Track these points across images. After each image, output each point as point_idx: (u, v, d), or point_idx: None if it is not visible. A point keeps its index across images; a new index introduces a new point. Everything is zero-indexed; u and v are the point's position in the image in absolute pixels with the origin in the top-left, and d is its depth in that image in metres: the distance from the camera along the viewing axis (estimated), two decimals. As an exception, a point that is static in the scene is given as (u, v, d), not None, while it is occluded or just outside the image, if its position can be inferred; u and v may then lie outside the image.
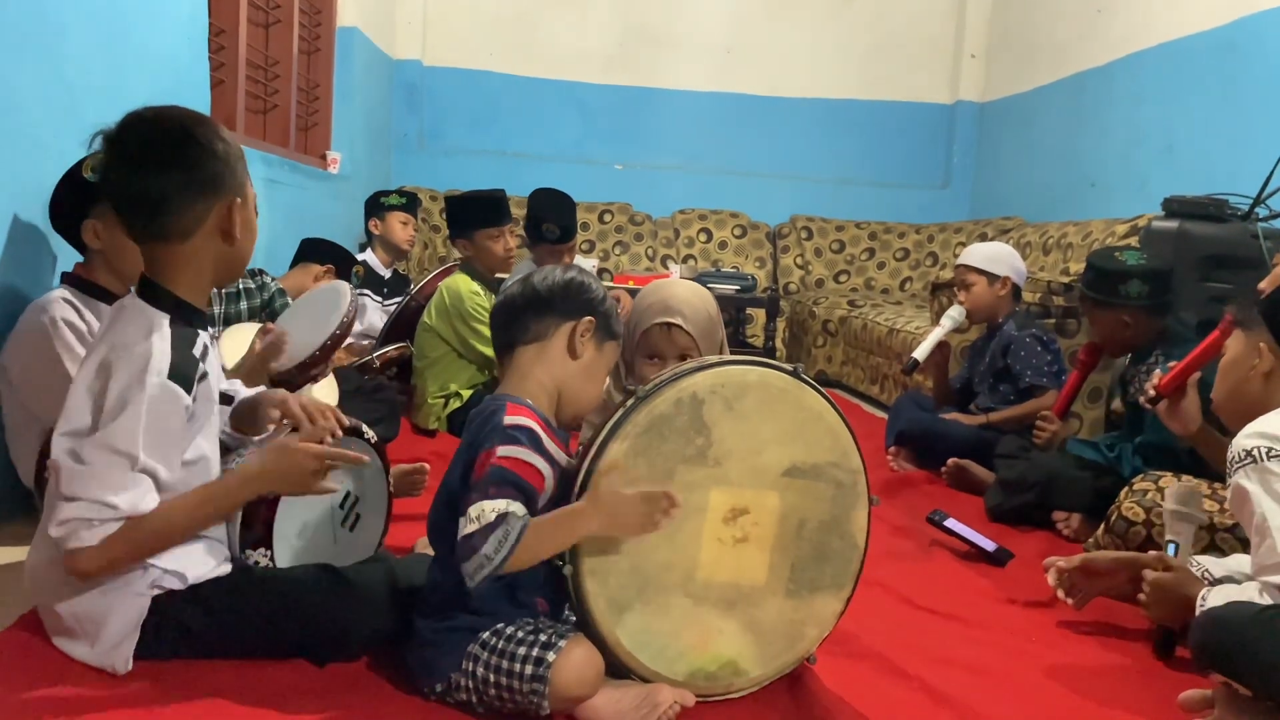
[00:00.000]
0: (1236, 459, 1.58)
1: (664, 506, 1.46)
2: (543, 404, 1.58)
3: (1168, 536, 1.91)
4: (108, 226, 2.07)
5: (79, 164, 2.08)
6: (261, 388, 2.01)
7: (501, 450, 1.46)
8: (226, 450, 1.76)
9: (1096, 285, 2.78)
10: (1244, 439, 1.58)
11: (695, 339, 1.91)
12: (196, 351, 1.55)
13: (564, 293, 1.61)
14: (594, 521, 1.46)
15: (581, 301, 1.61)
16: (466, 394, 3.49)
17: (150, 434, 1.46)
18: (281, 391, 1.86)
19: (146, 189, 1.50)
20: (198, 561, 1.58)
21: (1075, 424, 3.31)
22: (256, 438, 1.84)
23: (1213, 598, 1.67)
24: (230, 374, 2.15)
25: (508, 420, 1.49)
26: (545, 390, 1.59)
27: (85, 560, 1.45)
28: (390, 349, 3.68)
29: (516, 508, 1.43)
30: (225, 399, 1.79)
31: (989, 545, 2.46)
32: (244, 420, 1.85)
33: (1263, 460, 1.54)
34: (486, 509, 1.42)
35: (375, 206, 4.46)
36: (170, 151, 1.51)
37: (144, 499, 1.47)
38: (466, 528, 1.42)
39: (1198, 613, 1.66)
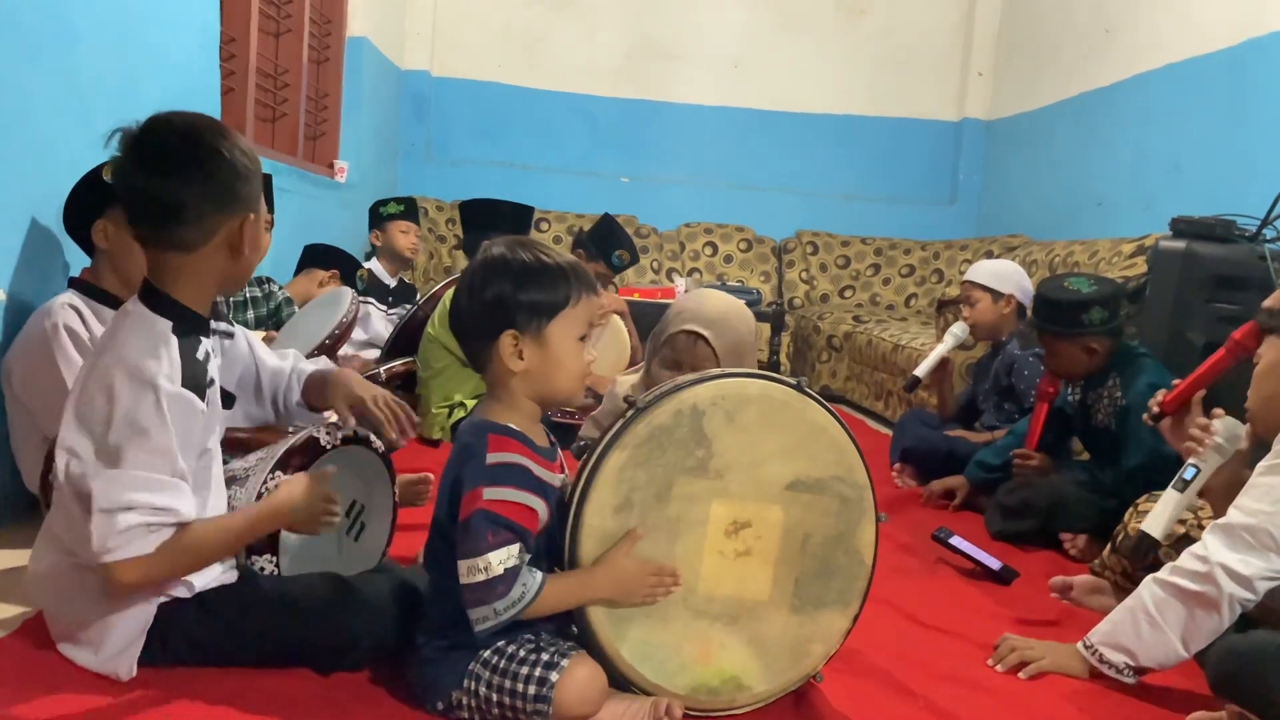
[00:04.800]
0: None
1: (668, 584, 1.52)
2: (524, 421, 1.52)
3: (1192, 461, 1.87)
4: (118, 228, 2.07)
5: (100, 166, 2.10)
6: (330, 365, 2.01)
7: (488, 493, 1.43)
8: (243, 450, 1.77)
9: (1057, 319, 2.76)
10: None
11: (718, 358, 1.90)
12: (200, 356, 1.55)
13: (474, 309, 1.49)
14: (606, 592, 1.50)
15: (493, 313, 1.48)
16: (470, 404, 3.48)
17: (177, 439, 1.46)
18: (350, 387, 1.82)
19: (162, 195, 1.47)
20: (206, 570, 1.58)
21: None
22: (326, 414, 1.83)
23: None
24: None
25: (491, 458, 1.45)
26: (520, 408, 1.53)
27: (130, 571, 1.43)
28: (398, 364, 3.68)
29: (527, 571, 1.43)
30: (227, 401, 1.78)
31: (994, 564, 2.45)
32: (313, 394, 1.85)
33: None
34: (493, 561, 1.41)
35: (374, 217, 4.45)
36: (191, 160, 1.48)
37: (193, 506, 1.48)
38: (473, 576, 1.41)
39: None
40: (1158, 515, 1.87)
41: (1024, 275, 3.44)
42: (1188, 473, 1.87)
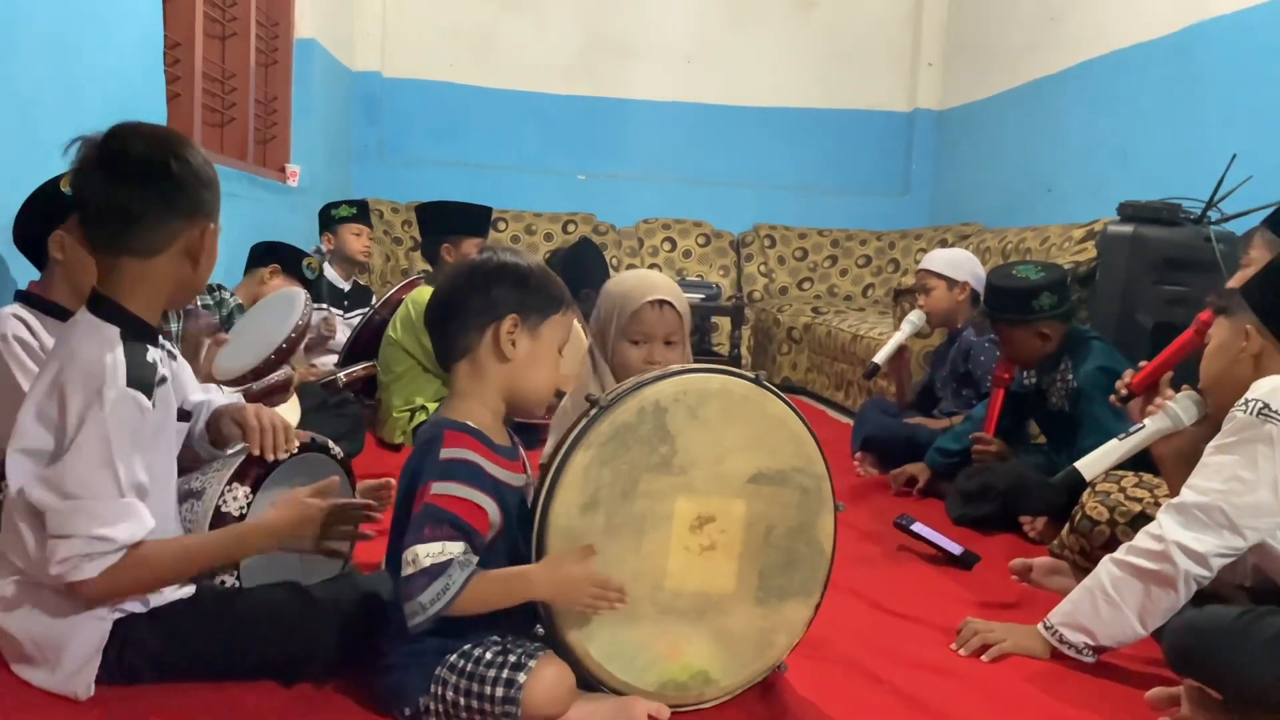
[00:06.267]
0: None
1: (612, 599, 1.47)
2: (486, 420, 1.53)
3: (1146, 421, 1.93)
4: (75, 239, 2.03)
5: (57, 177, 2.05)
6: (230, 399, 1.98)
7: (436, 488, 1.43)
8: (188, 469, 1.73)
9: (1010, 306, 2.81)
10: None
11: (682, 320, 1.92)
12: (149, 360, 1.52)
13: (475, 292, 1.53)
14: (544, 591, 1.48)
15: (499, 296, 1.52)
16: (432, 407, 3.46)
17: (122, 445, 1.43)
18: (241, 404, 1.83)
19: (126, 201, 1.48)
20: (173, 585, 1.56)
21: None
22: (228, 449, 1.81)
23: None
24: None
25: (444, 454, 1.45)
26: (487, 404, 1.54)
27: (90, 589, 1.44)
28: (358, 368, 3.64)
29: (459, 555, 1.41)
30: (183, 415, 1.76)
31: (955, 549, 2.48)
32: (215, 431, 1.82)
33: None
34: (420, 554, 1.40)
35: (326, 221, 4.39)
36: (157, 166, 1.48)
37: (139, 527, 1.45)
38: (404, 570, 1.41)
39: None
40: (1093, 457, 1.97)
41: (977, 263, 3.49)
42: (1133, 427, 1.95)
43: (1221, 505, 1.66)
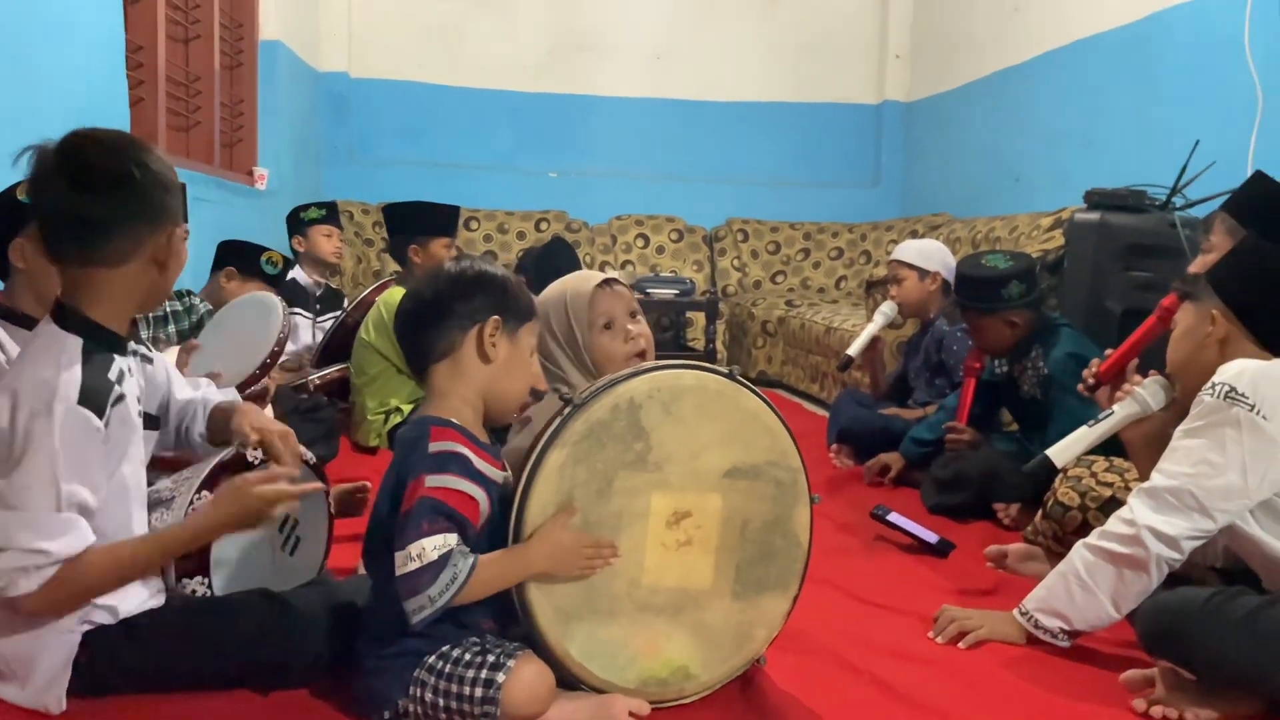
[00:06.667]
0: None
1: (606, 555, 1.51)
2: (468, 418, 1.54)
3: (1115, 407, 1.94)
4: (36, 247, 2.00)
5: (13, 186, 2.02)
6: (226, 395, 1.95)
7: (430, 480, 1.43)
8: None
9: (979, 296, 2.84)
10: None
11: (631, 293, 1.93)
12: (111, 375, 1.49)
13: (459, 296, 1.54)
14: (541, 565, 1.49)
15: (481, 300, 1.55)
16: (407, 409, 3.44)
17: (68, 462, 1.40)
18: (258, 417, 1.78)
19: (89, 211, 1.45)
20: (130, 594, 1.54)
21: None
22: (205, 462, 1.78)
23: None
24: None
25: (433, 447, 1.46)
26: (468, 403, 1.55)
27: (29, 603, 1.41)
28: (331, 370, 3.61)
29: (459, 545, 1.42)
30: (151, 423, 1.73)
31: (931, 537, 2.49)
32: (215, 426, 1.79)
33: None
34: (427, 548, 1.40)
35: (295, 223, 4.33)
36: (118, 175, 1.46)
37: (78, 540, 1.42)
38: (406, 566, 1.40)
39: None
40: (1064, 444, 1.98)
41: (948, 253, 3.51)
42: (1102, 414, 1.96)
43: (1191, 488, 1.67)
